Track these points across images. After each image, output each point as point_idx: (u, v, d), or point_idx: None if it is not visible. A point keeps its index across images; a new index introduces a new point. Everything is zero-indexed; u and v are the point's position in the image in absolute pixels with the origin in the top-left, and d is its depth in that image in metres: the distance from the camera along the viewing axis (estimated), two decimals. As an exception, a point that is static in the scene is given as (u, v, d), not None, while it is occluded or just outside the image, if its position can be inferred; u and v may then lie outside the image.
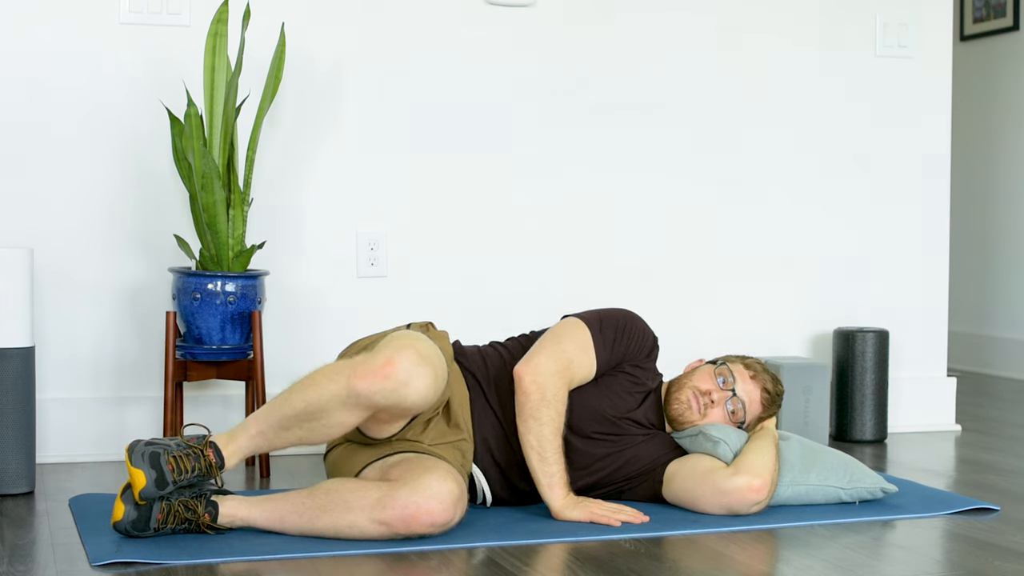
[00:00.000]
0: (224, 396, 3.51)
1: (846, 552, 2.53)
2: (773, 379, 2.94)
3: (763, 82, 3.94)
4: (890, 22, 4.05)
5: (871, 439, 3.84)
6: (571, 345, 2.80)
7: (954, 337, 5.50)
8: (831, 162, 4.02)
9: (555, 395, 2.73)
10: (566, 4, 3.75)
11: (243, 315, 3.23)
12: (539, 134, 3.75)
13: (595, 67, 3.79)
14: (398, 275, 3.64)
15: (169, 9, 3.44)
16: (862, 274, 4.07)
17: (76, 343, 3.42)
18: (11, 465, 2.95)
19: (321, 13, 3.56)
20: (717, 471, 2.77)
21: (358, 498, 2.50)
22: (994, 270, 5.67)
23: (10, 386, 2.95)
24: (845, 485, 2.88)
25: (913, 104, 4.09)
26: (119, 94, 3.42)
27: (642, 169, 3.84)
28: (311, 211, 3.58)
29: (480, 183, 3.71)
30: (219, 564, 2.37)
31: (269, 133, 3.51)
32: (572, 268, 3.78)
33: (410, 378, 2.47)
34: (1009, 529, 2.72)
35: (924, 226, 4.12)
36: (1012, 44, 5.58)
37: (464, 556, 2.46)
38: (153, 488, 2.46)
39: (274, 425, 2.55)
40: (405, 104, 3.64)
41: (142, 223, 3.45)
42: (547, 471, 2.71)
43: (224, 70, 3.24)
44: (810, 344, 4.03)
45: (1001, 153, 5.64)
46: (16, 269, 2.96)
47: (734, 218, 3.93)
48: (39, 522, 2.72)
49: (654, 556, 2.47)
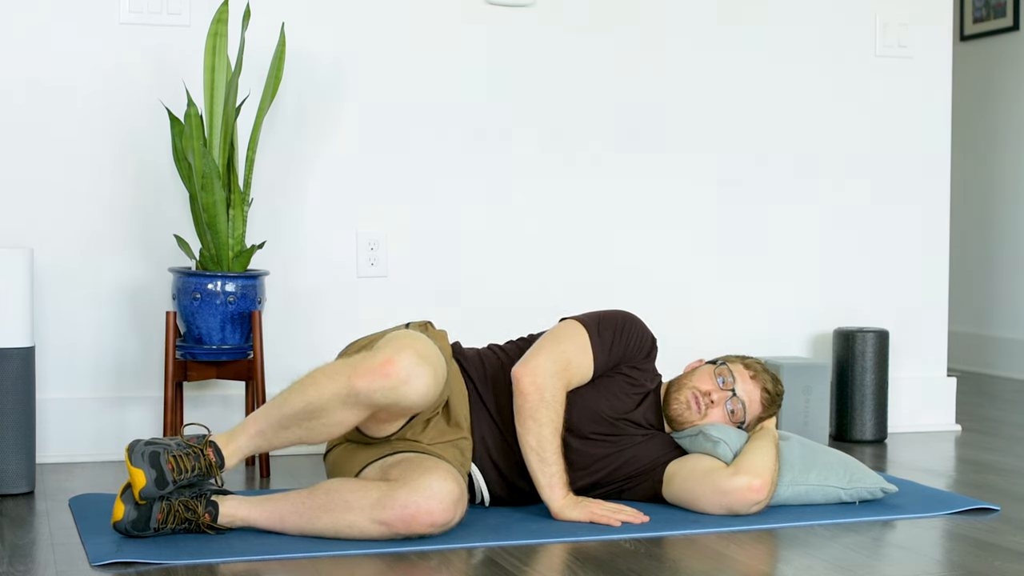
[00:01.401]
0: (224, 396, 3.52)
1: (846, 552, 2.53)
2: (773, 379, 2.94)
3: (763, 82, 3.94)
4: (890, 22, 4.05)
5: (871, 439, 3.84)
6: (569, 346, 2.80)
7: (954, 337, 5.50)
8: (831, 162, 4.02)
9: (553, 396, 2.73)
10: (566, 4, 3.75)
11: (243, 315, 3.23)
12: (539, 134, 3.75)
13: (595, 67, 3.78)
14: (398, 275, 3.64)
15: (169, 9, 3.44)
16: (862, 274, 4.07)
17: (76, 343, 3.42)
18: (11, 465, 2.95)
19: (321, 13, 3.56)
20: (717, 471, 2.77)
21: (358, 498, 2.50)
22: (994, 270, 5.67)
23: (10, 386, 2.95)
24: (845, 485, 2.88)
25: (913, 104, 4.09)
26: (119, 94, 3.42)
27: (642, 169, 3.84)
28: (311, 211, 3.58)
29: (480, 183, 3.71)
30: (219, 564, 2.37)
31: (269, 133, 3.51)
32: (572, 268, 3.78)
33: (409, 377, 2.47)
34: (1009, 529, 2.72)
35: (924, 226, 4.12)
36: (1012, 44, 5.58)
37: (464, 556, 2.46)
38: (153, 487, 2.46)
39: (274, 424, 2.55)
40: (405, 104, 3.64)
41: (142, 223, 3.45)
42: (546, 471, 2.71)
43: (224, 70, 3.24)
44: (810, 344, 4.03)
45: (1001, 153, 5.64)
46: (16, 269, 2.96)
47: (734, 218, 3.93)
48: (39, 522, 2.72)
49: (654, 556, 2.47)
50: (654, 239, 3.86)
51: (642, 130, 3.84)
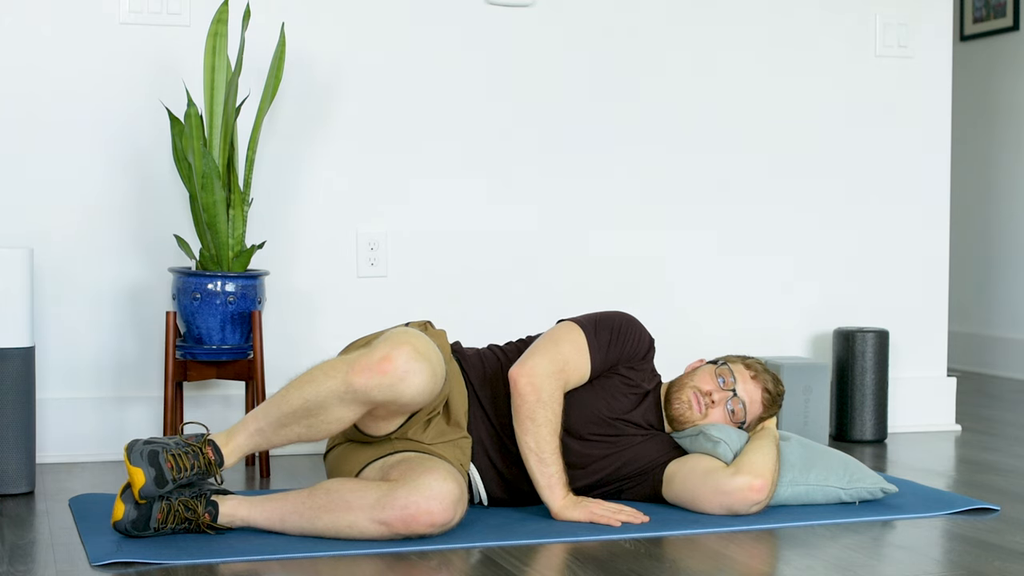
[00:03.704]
0: (224, 396, 3.52)
1: (846, 552, 2.53)
2: (774, 379, 2.93)
3: (763, 82, 3.94)
4: (890, 22, 4.05)
5: (871, 439, 3.84)
6: (566, 347, 2.80)
7: (954, 337, 5.50)
8: (831, 162, 4.02)
9: (551, 396, 2.73)
10: (566, 4, 3.75)
11: (243, 315, 3.23)
12: (539, 134, 3.75)
13: (595, 67, 3.79)
14: (398, 275, 3.64)
15: (169, 9, 3.44)
16: (862, 274, 4.07)
17: (76, 343, 3.42)
18: (11, 465, 2.95)
19: (321, 13, 3.56)
20: (717, 471, 2.77)
21: (358, 498, 2.50)
22: (994, 270, 5.67)
23: (10, 386, 2.95)
24: (845, 485, 2.88)
25: (913, 104, 4.09)
26: (119, 94, 3.42)
27: (643, 169, 3.84)
28: (311, 211, 3.58)
29: (480, 183, 3.71)
30: (219, 564, 2.37)
31: (269, 133, 3.51)
32: (572, 268, 3.78)
33: (407, 374, 2.48)
34: (1009, 529, 2.72)
35: (924, 226, 4.12)
36: (1012, 44, 5.58)
37: (464, 556, 2.46)
38: (152, 486, 2.46)
39: (273, 422, 2.55)
40: (405, 104, 3.64)
41: (142, 223, 3.45)
42: (546, 472, 2.71)
43: (224, 70, 3.24)
44: (810, 344, 4.03)
45: (1001, 153, 5.64)
46: (16, 269, 2.96)
47: (734, 218, 3.93)
48: (39, 522, 2.72)
49: (654, 556, 2.47)
50: (654, 239, 3.86)
51: (642, 130, 3.84)
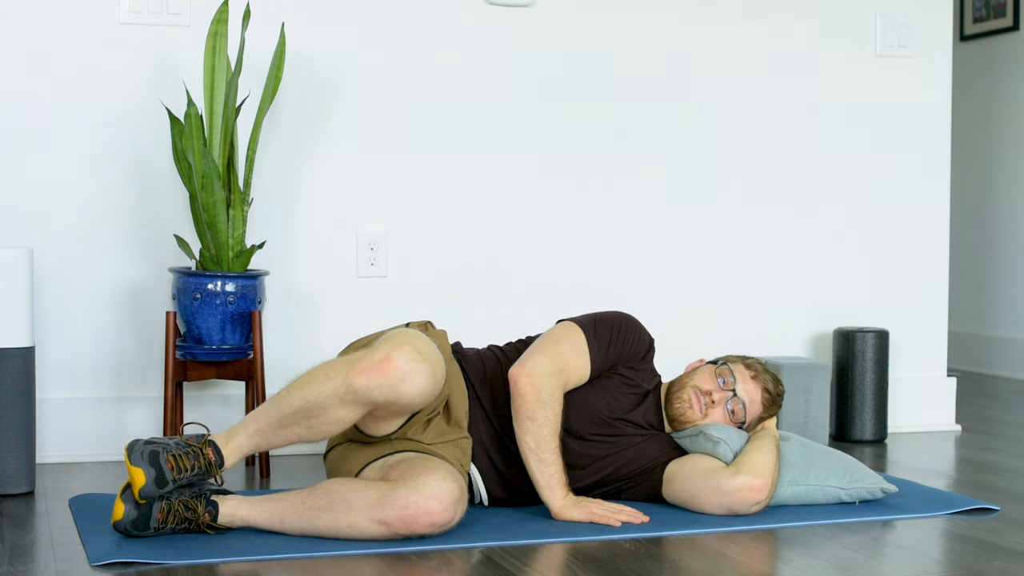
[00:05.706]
0: (224, 396, 3.52)
1: (846, 552, 2.53)
2: (774, 379, 2.94)
3: (763, 82, 3.94)
4: (890, 22, 4.05)
5: (871, 439, 3.83)
6: (566, 347, 2.80)
7: (954, 337, 5.50)
8: (831, 162, 4.02)
9: (551, 396, 2.73)
10: (566, 4, 3.75)
11: (243, 315, 3.23)
12: (539, 134, 3.75)
13: (595, 67, 3.78)
14: (398, 275, 3.64)
15: (169, 9, 3.44)
16: (862, 274, 4.07)
17: (76, 343, 3.42)
18: (11, 465, 2.95)
19: (321, 13, 3.56)
20: (717, 471, 2.77)
21: (358, 498, 2.50)
22: (994, 270, 5.67)
23: (10, 386, 2.95)
24: (845, 485, 2.88)
25: (913, 104, 4.09)
26: (119, 94, 3.42)
27: (643, 170, 3.84)
28: (311, 211, 3.58)
29: (480, 183, 3.71)
30: (219, 564, 2.37)
31: (269, 133, 3.51)
32: (572, 268, 3.78)
33: (407, 374, 2.48)
34: (1009, 529, 2.72)
35: (924, 226, 4.12)
36: (1012, 44, 5.58)
37: (464, 556, 2.46)
38: (152, 486, 2.46)
39: (273, 423, 2.55)
40: (405, 104, 3.64)
41: (142, 223, 3.45)
42: (545, 472, 2.71)
43: (224, 70, 3.24)
44: (810, 344, 4.03)
45: (1001, 153, 5.64)
46: (16, 269, 2.96)
47: (734, 218, 3.93)
48: (39, 522, 2.72)
49: (654, 556, 2.47)
50: (655, 240, 3.86)
51: (642, 130, 3.84)
